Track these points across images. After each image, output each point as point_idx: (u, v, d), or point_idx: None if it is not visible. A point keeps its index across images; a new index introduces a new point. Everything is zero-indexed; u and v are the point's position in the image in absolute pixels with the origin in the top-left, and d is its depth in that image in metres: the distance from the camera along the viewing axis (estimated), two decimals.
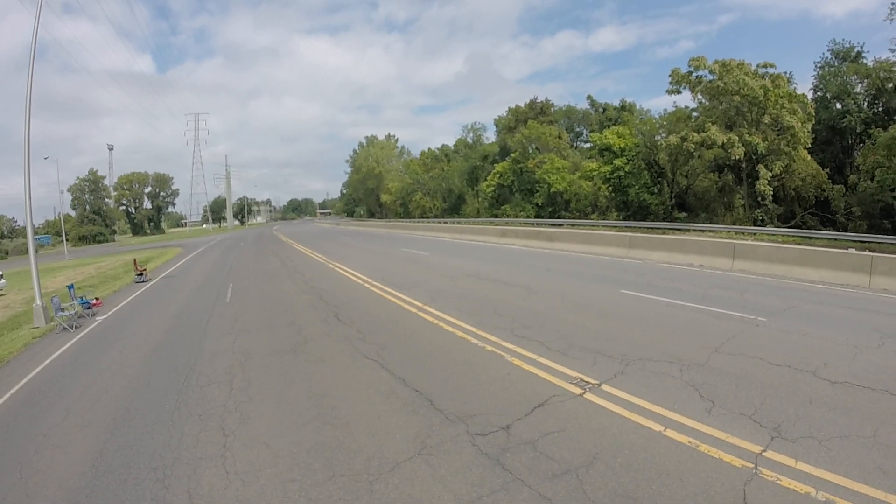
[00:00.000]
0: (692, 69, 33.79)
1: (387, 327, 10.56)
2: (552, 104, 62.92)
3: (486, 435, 5.45)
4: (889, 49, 34.82)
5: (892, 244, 22.12)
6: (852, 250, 15.21)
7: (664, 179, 39.93)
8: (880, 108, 34.10)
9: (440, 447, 5.28)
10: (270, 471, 5.12)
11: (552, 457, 4.96)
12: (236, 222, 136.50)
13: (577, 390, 6.51)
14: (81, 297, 16.04)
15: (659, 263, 17.20)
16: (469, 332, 9.55)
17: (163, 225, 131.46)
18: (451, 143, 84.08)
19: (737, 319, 9.40)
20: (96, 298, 17.40)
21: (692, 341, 8.21)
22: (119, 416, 6.95)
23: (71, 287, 16.47)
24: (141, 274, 23.46)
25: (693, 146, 31.84)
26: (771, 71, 32.21)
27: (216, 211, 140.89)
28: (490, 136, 75.63)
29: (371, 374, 7.71)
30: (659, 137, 38.44)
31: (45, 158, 65.52)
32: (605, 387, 6.55)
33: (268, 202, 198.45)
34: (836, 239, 24.69)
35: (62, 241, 67.98)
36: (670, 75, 34.90)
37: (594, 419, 5.69)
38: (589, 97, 61.66)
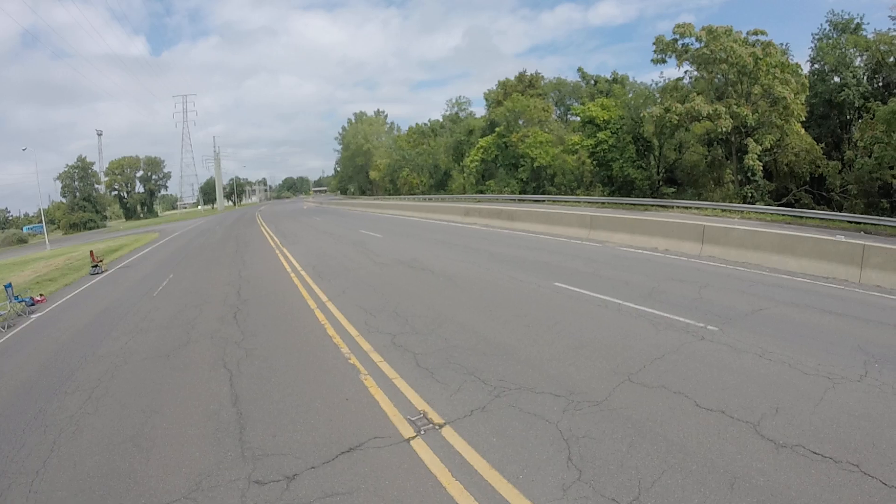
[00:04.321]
0: (677, 36, 31.25)
1: (271, 329, 9.60)
2: (542, 77, 60.33)
3: (265, 484, 4.52)
4: (889, 16, 32.24)
5: (890, 226, 20.22)
6: (841, 236, 13.12)
7: (651, 153, 37.78)
8: (880, 83, 31.84)
9: (210, 492, 4.50)
10: (61, 494, 4.85)
11: None
12: (228, 203, 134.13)
13: (409, 432, 5.01)
14: (17, 296, 15.62)
15: (619, 247, 15.37)
16: (347, 337, 8.38)
17: (156, 208, 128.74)
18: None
19: (679, 328, 7.45)
20: (40, 295, 17.24)
21: (604, 361, 6.37)
22: None
23: (8, 286, 15.75)
24: (96, 265, 22.72)
25: (676, 118, 29.58)
26: (762, 38, 29.71)
27: (208, 192, 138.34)
28: (479, 111, 73.05)
29: (214, 388, 6.90)
30: (648, 110, 36.16)
31: (24, 150, 63.34)
32: (446, 430, 4.95)
33: (263, 181, 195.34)
34: (829, 219, 22.76)
35: (53, 229, 66.60)
36: (654, 43, 32.39)
37: (398, 483, 4.27)
38: (580, 69, 58.47)
